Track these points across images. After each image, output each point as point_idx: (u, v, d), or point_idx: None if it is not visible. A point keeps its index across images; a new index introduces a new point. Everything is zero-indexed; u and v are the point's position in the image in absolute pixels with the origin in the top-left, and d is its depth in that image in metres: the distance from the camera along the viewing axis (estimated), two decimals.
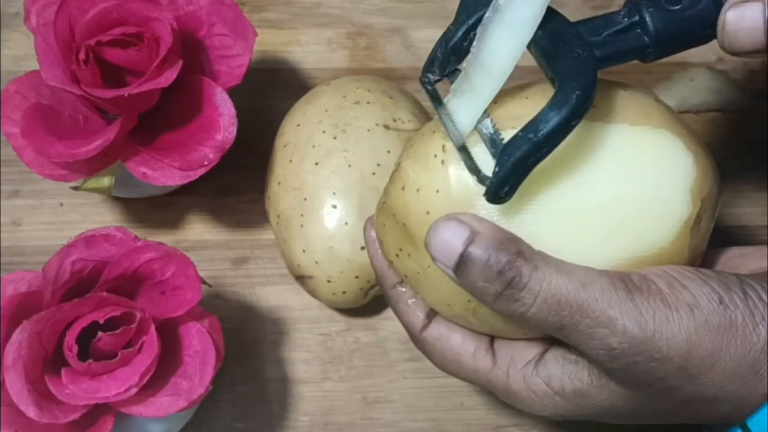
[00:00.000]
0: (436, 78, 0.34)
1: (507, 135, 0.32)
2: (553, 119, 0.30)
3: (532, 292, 0.31)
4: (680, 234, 0.33)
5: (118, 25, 0.42)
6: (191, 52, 0.44)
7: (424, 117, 0.47)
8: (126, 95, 0.41)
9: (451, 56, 0.33)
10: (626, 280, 0.31)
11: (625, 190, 0.32)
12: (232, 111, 0.43)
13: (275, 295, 0.48)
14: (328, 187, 0.43)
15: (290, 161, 0.45)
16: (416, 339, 0.37)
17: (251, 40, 0.44)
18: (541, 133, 0.30)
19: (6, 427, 0.37)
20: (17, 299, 0.38)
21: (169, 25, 0.42)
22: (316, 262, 0.43)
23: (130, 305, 0.39)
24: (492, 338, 0.36)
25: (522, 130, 0.31)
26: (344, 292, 0.44)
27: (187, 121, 0.44)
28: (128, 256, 0.39)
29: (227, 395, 0.46)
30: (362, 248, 0.42)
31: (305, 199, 0.44)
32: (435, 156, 0.33)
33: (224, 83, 0.44)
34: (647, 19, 0.33)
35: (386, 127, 0.45)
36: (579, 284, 0.30)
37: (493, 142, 0.32)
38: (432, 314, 0.36)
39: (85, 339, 0.38)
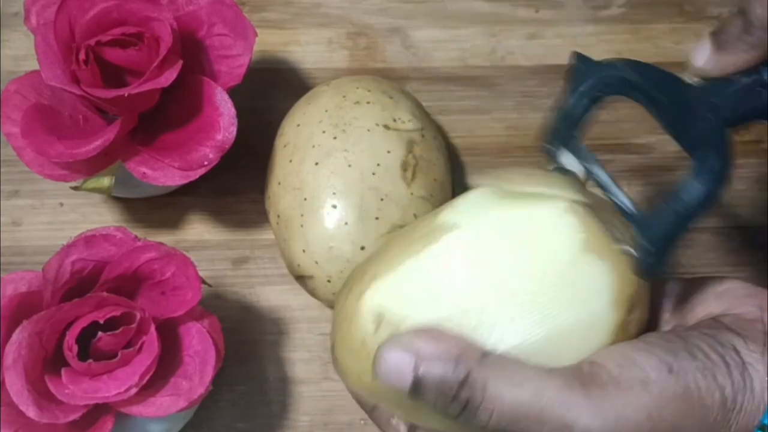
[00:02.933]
0: (559, 149, 0.34)
1: None
2: (699, 190, 0.29)
3: (487, 410, 0.30)
4: (615, 337, 0.32)
5: (118, 25, 0.42)
6: (191, 52, 0.44)
7: (424, 117, 0.47)
8: (126, 95, 0.41)
9: (572, 128, 0.33)
10: (579, 375, 0.31)
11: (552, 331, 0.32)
12: (232, 111, 0.43)
13: (275, 295, 0.48)
14: (328, 187, 0.43)
15: (290, 161, 0.45)
16: None
17: (251, 40, 0.44)
18: (689, 204, 0.29)
19: (6, 427, 0.37)
20: (17, 299, 0.38)
21: (169, 25, 0.42)
22: (316, 262, 0.43)
23: (130, 305, 0.39)
24: None
25: (665, 202, 0.30)
26: None
27: (187, 121, 0.44)
28: (128, 256, 0.39)
29: (227, 395, 0.46)
30: (362, 248, 0.42)
31: (305, 199, 0.44)
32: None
33: (224, 83, 0.44)
34: (765, 76, 0.32)
35: (386, 127, 0.45)
36: (532, 395, 0.30)
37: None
38: (413, 427, 0.36)
39: (85, 339, 0.38)
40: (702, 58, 0.34)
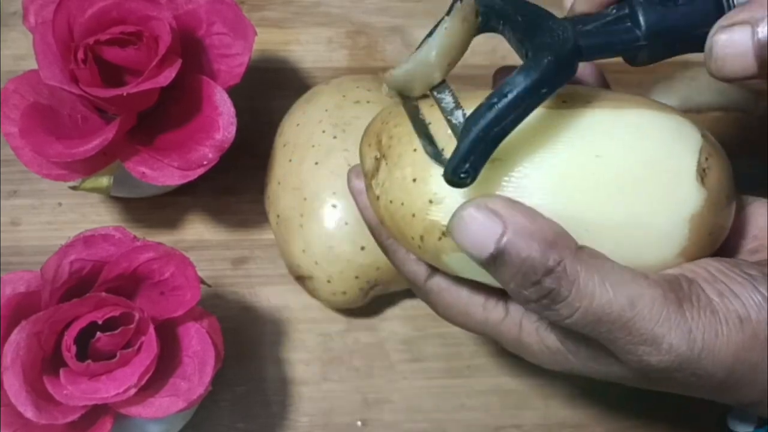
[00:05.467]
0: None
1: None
2: (521, 83, 0.28)
3: (570, 307, 0.28)
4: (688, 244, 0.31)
5: (116, 24, 0.42)
6: (190, 51, 0.44)
7: None
8: (125, 94, 0.40)
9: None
10: (677, 290, 0.29)
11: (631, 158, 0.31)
12: (232, 110, 0.43)
13: (275, 295, 0.48)
14: (328, 186, 0.43)
15: (290, 161, 0.45)
16: (420, 289, 0.34)
17: (251, 40, 0.44)
18: (507, 97, 0.28)
19: (4, 428, 0.37)
20: (16, 299, 0.38)
21: (168, 24, 0.42)
22: (316, 263, 0.43)
23: (129, 305, 0.38)
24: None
25: (486, 98, 0.28)
26: (344, 293, 0.44)
27: (187, 120, 0.44)
28: (127, 256, 0.39)
29: (227, 396, 0.46)
30: (362, 248, 0.42)
31: (305, 199, 0.44)
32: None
33: (224, 82, 0.44)
34: (639, 11, 0.31)
35: None
36: (627, 301, 0.28)
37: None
38: (434, 270, 0.34)
39: (84, 339, 0.38)
40: None
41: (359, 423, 0.46)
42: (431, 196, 0.30)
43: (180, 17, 0.44)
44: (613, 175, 0.30)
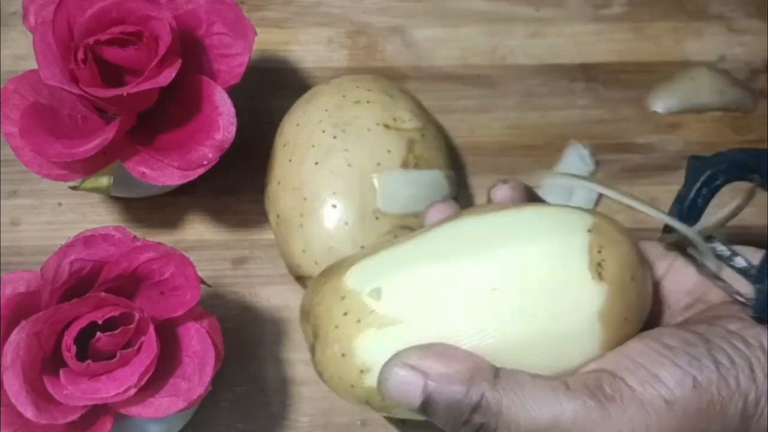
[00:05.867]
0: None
1: None
2: None
3: None
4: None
5: (116, 24, 0.42)
6: (190, 51, 0.44)
7: (424, 116, 0.47)
8: (125, 94, 0.41)
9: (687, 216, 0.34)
10: (598, 394, 0.30)
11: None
12: (232, 110, 0.43)
13: (275, 295, 0.48)
14: (327, 186, 0.43)
15: (290, 161, 0.45)
16: None
17: (251, 40, 0.44)
18: None
19: (5, 428, 0.37)
20: (16, 299, 0.38)
21: (168, 24, 0.42)
22: (316, 263, 0.43)
23: (129, 305, 0.38)
24: None
25: None
26: None
27: (187, 120, 0.44)
28: (127, 256, 0.39)
29: (227, 396, 0.46)
30: (362, 248, 0.42)
31: (305, 199, 0.44)
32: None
33: (223, 82, 0.44)
34: None
35: (386, 126, 0.45)
36: (550, 419, 0.29)
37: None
38: None
39: (84, 339, 0.38)
40: None
41: (359, 423, 0.46)
42: (361, 367, 0.33)
43: (180, 17, 0.44)
44: (513, 302, 0.32)
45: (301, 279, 0.45)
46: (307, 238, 0.43)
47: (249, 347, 0.47)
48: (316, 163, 0.44)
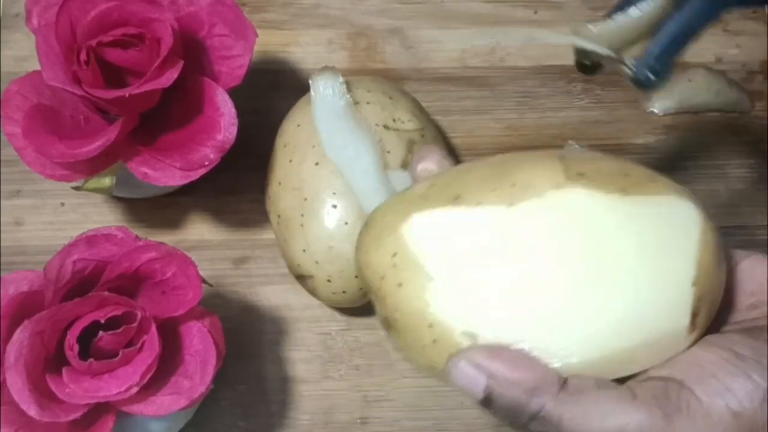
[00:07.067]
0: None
1: None
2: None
3: None
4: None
5: (119, 25, 0.42)
6: (192, 52, 0.44)
7: (424, 117, 0.47)
8: (127, 96, 0.41)
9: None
10: (664, 404, 0.29)
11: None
12: (233, 111, 0.43)
13: (276, 294, 0.48)
14: (328, 187, 0.44)
15: (290, 161, 0.45)
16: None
17: (252, 41, 0.44)
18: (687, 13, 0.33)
19: (7, 426, 0.37)
20: (18, 299, 0.39)
21: (169, 26, 0.42)
22: (317, 262, 0.43)
23: (131, 305, 0.39)
24: None
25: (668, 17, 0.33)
26: (344, 292, 0.44)
27: (188, 121, 0.44)
28: (129, 256, 0.39)
29: (228, 394, 0.46)
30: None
31: (305, 199, 0.44)
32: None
33: (225, 84, 0.44)
34: None
35: (386, 127, 0.45)
36: (615, 430, 0.29)
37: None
38: None
39: (86, 338, 0.38)
40: None
41: (359, 421, 0.46)
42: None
43: (181, 19, 0.44)
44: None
45: (301, 278, 0.45)
46: (308, 238, 0.43)
47: (250, 346, 0.47)
48: (317, 164, 0.44)
